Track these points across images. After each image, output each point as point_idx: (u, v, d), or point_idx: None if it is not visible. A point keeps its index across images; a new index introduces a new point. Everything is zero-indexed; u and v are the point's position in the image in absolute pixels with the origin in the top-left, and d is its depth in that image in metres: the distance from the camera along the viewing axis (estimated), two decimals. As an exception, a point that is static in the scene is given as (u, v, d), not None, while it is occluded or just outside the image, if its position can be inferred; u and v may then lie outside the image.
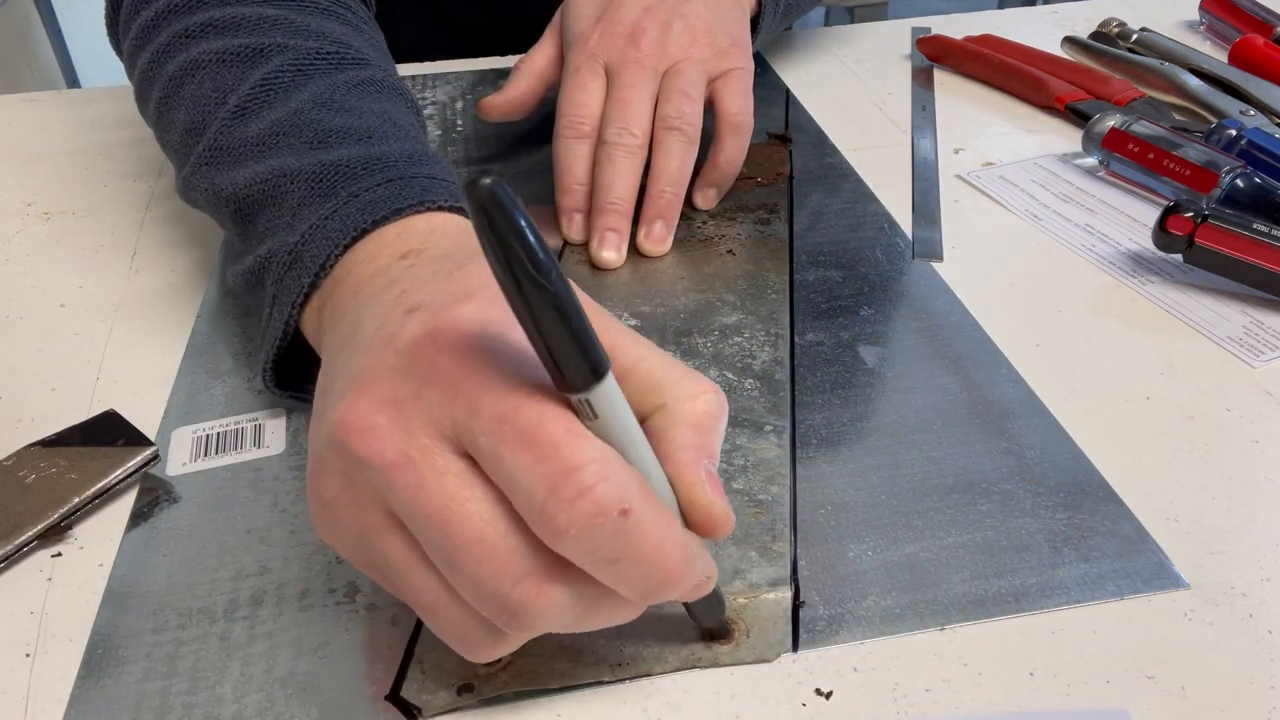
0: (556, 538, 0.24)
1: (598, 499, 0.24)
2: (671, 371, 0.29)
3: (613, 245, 0.51)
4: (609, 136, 0.51)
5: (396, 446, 0.25)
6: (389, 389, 0.26)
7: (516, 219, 0.22)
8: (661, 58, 0.53)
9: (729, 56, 0.55)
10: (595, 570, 0.25)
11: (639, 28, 0.54)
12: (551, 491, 0.24)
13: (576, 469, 0.24)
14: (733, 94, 0.54)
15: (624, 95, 0.52)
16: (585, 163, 0.53)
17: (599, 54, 0.54)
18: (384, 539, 0.27)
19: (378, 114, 0.43)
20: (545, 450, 0.24)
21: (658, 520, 0.25)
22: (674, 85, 0.52)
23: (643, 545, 0.25)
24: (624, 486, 0.25)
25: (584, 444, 0.25)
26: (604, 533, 0.24)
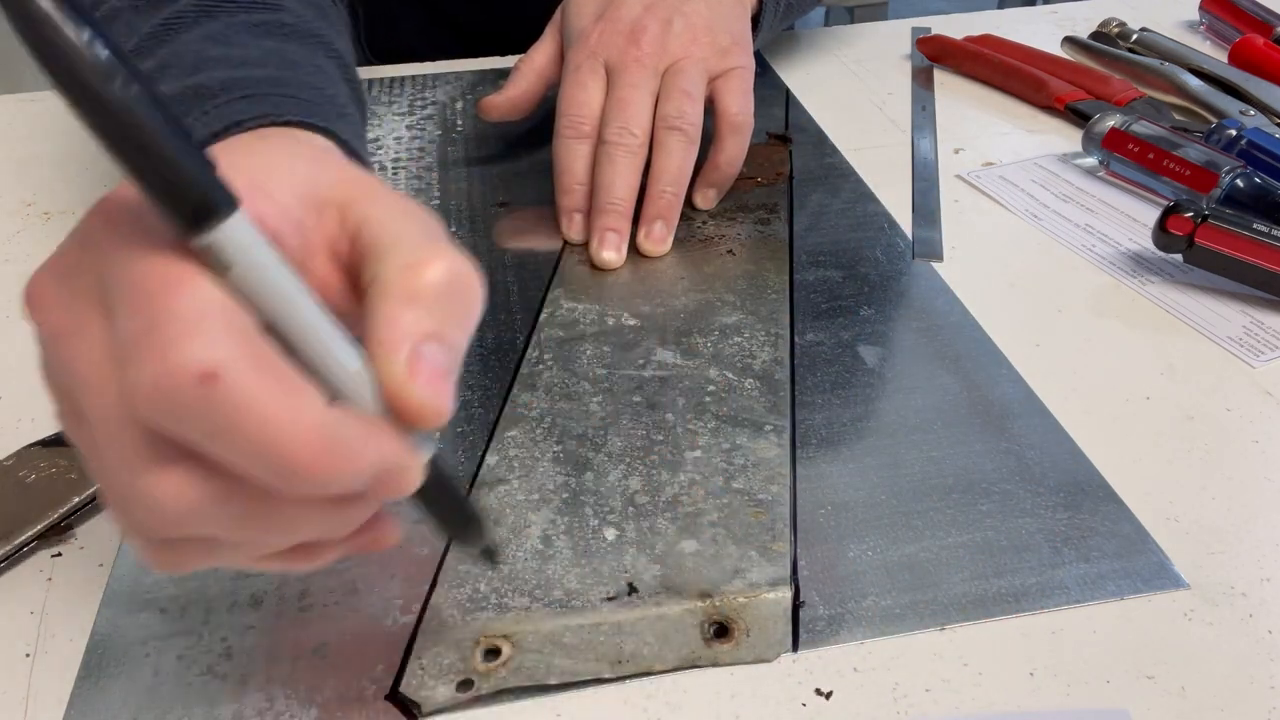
0: (130, 403, 0.21)
1: (170, 358, 0.21)
2: (403, 239, 0.25)
3: (612, 245, 0.51)
4: (609, 136, 0.51)
5: (58, 318, 0.24)
6: (64, 255, 0.24)
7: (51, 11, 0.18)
8: (662, 56, 0.53)
9: (730, 55, 0.55)
10: (202, 450, 0.22)
11: (639, 26, 0.53)
12: (132, 349, 0.21)
13: (158, 325, 0.21)
14: (733, 93, 0.53)
15: (624, 94, 0.52)
16: (585, 162, 0.52)
17: (599, 52, 0.53)
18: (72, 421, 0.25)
19: (265, 49, 0.41)
20: (139, 304, 0.21)
21: (264, 392, 0.21)
22: (674, 84, 0.52)
23: (242, 418, 0.21)
24: (212, 346, 0.21)
25: (181, 297, 0.21)
26: (180, 400, 0.21)
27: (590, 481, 0.38)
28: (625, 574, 0.34)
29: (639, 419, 0.41)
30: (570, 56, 0.54)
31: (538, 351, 0.45)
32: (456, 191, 0.57)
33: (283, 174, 0.26)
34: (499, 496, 0.37)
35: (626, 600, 0.33)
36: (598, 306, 0.48)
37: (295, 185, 0.26)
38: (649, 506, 0.37)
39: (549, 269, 0.51)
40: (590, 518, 0.36)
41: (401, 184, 0.58)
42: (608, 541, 0.36)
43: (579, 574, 0.34)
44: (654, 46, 0.53)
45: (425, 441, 0.25)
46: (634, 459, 0.39)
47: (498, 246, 0.53)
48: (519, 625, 0.33)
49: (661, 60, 0.53)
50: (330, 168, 0.27)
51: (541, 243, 0.53)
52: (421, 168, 0.60)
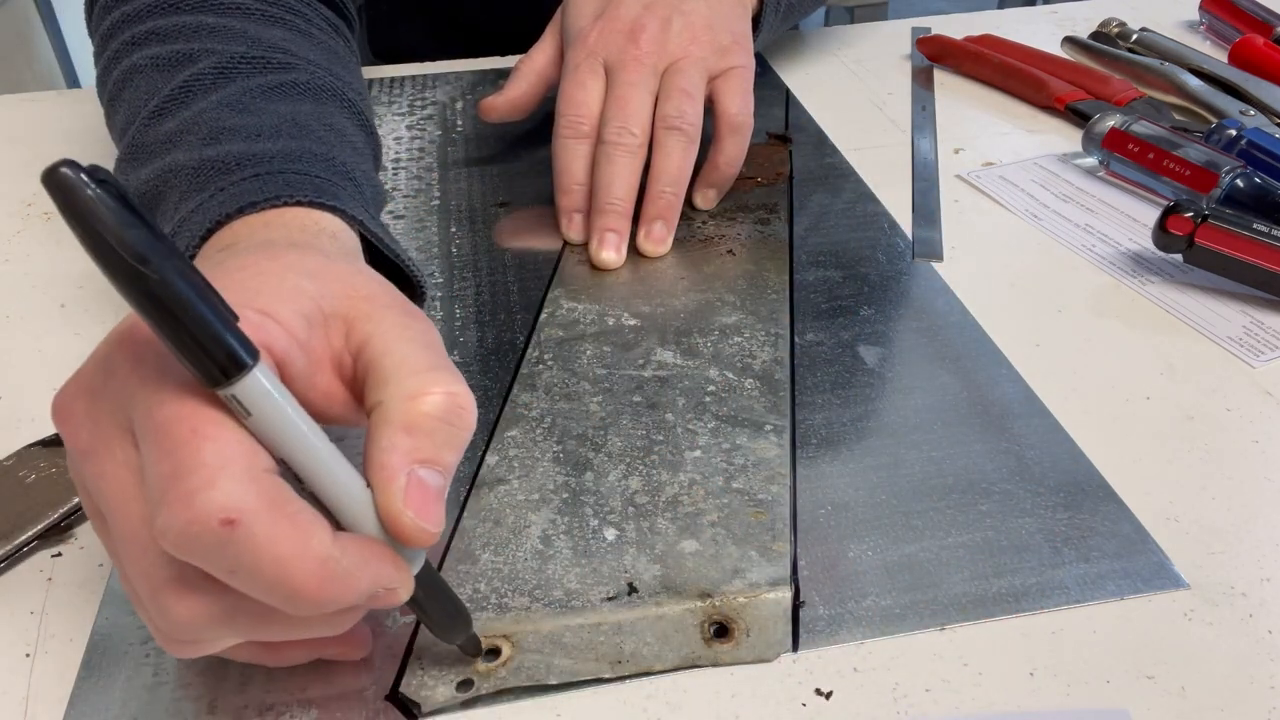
0: (161, 541, 0.24)
1: (195, 506, 0.23)
2: (405, 367, 0.27)
3: (612, 245, 0.51)
4: (608, 136, 0.51)
5: (86, 436, 0.26)
6: (89, 378, 0.26)
7: (97, 203, 0.20)
8: (661, 55, 0.53)
9: (730, 54, 0.54)
10: (222, 579, 0.25)
11: (639, 25, 0.53)
12: (160, 492, 0.24)
13: (184, 472, 0.23)
14: (733, 93, 0.53)
15: (623, 94, 0.52)
16: (584, 162, 0.52)
17: (598, 52, 0.53)
18: (97, 524, 0.27)
19: (281, 114, 0.43)
20: (167, 449, 0.24)
21: (277, 533, 0.24)
22: (674, 84, 0.52)
23: (257, 558, 0.24)
24: (233, 495, 0.23)
25: (204, 446, 0.24)
26: (205, 542, 0.23)
27: (590, 481, 0.38)
28: (625, 574, 0.34)
29: (639, 419, 0.41)
30: (569, 56, 0.54)
31: (538, 351, 0.45)
32: (456, 191, 0.57)
33: (290, 296, 0.28)
34: (499, 496, 0.37)
35: (626, 600, 0.33)
36: (598, 306, 0.48)
37: (303, 306, 0.28)
38: (649, 506, 0.37)
39: (549, 269, 0.51)
40: (590, 518, 0.36)
41: (401, 184, 0.58)
42: (608, 541, 0.36)
43: (579, 574, 0.34)
44: (653, 45, 0.53)
45: (417, 555, 0.27)
46: (634, 459, 0.39)
47: (498, 246, 0.53)
48: (519, 625, 0.33)
49: (661, 59, 0.53)
50: (335, 280, 0.29)
51: (541, 243, 0.53)
52: (421, 168, 0.60)
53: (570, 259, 0.51)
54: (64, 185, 0.20)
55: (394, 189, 0.57)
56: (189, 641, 0.27)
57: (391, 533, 0.26)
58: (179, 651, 0.27)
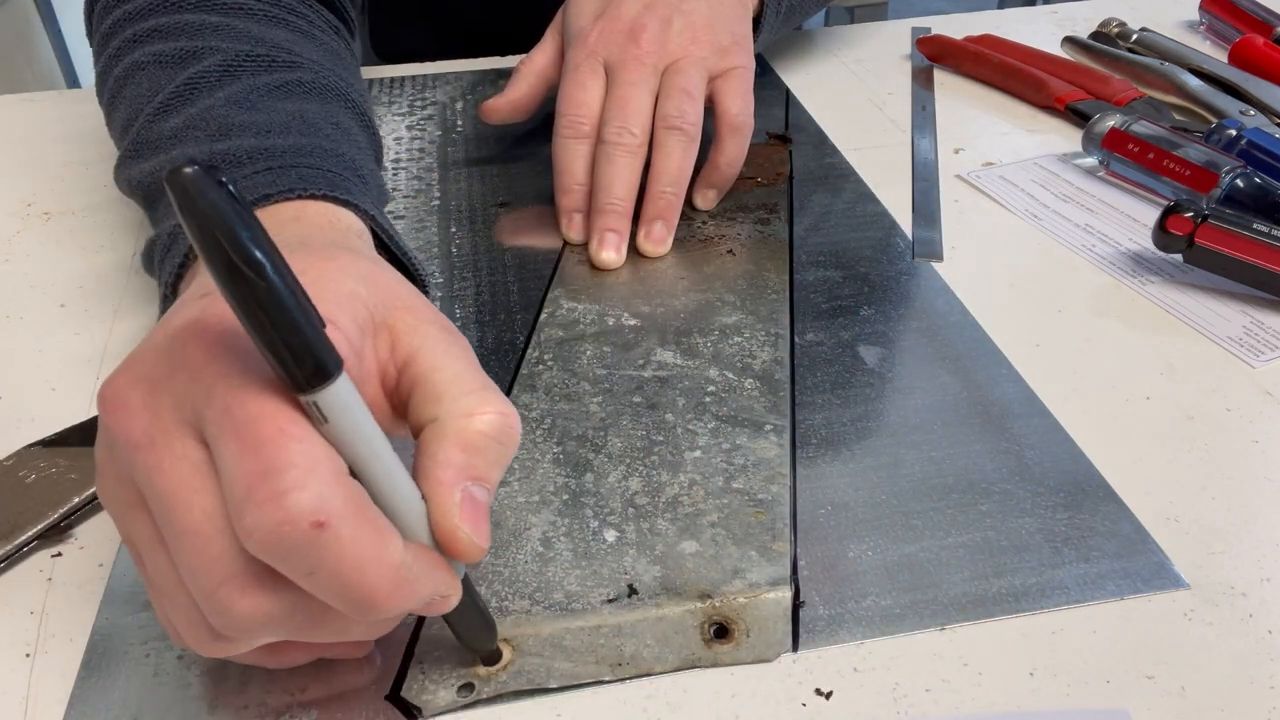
0: (245, 539, 0.24)
1: (287, 505, 0.23)
2: (459, 385, 0.28)
3: (612, 245, 0.51)
4: (608, 136, 0.51)
5: (141, 427, 0.25)
6: (148, 368, 0.26)
7: (219, 206, 0.21)
8: (661, 55, 0.53)
9: (730, 54, 0.54)
10: (295, 579, 0.25)
11: (639, 24, 0.53)
12: (247, 489, 0.23)
13: (276, 471, 0.23)
14: (733, 94, 0.53)
15: (623, 94, 0.51)
16: (584, 163, 0.52)
17: (598, 51, 0.53)
18: (133, 515, 0.27)
19: (289, 112, 0.43)
20: (251, 446, 0.24)
21: (360, 539, 0.24)
22: (674, 83, 0.52)
23: (340, 561, 0.24)
24: (323, 497, 0.24)
25: (293, 446, 0.24)
26: (293, 543, 0.23)
27: (590, 483, 0.38)
28: (625, 576, 0.34)
29: (639, 419, 0.41)
30: (570, 56, 0.54)
31: (538, 352, 0.45)
32: (456, 191, 0.57)
33: (347, 303, 0.28)
34: (499, 499, 0.37)
35: (627, 602, 0.33)
36: (598, 306, 0.48)
37: (358, 314, 0.28)
38: (649, 507, 0.37)
39: (549, 269, 0.51)
40: (590, 519, 0.36)
41: (401, 184, 0.58)
42: (608, 543, 0.36)
43: (579, 576, 0.34)
44: (653, 45, 0.53)
45: (458, 565, 0.28)
46: (634, 460, 0.39)
47: (498, 246, 0.53)
48: (519, 629, 0.33)
49: (661, 59, 0.53)
50: (383, 289, 0.30)
51: (541, 243, 0.53)
52: (421, 168, 0.60)
53: (570, 259, 0.51)
54: (187, 186, 0.21)
55: (394, 189, 0.57)
56: (229, 640, 0.27)
57: (445, 545, 0.27)
58: (211, 650, 0.27)
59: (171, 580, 0.26)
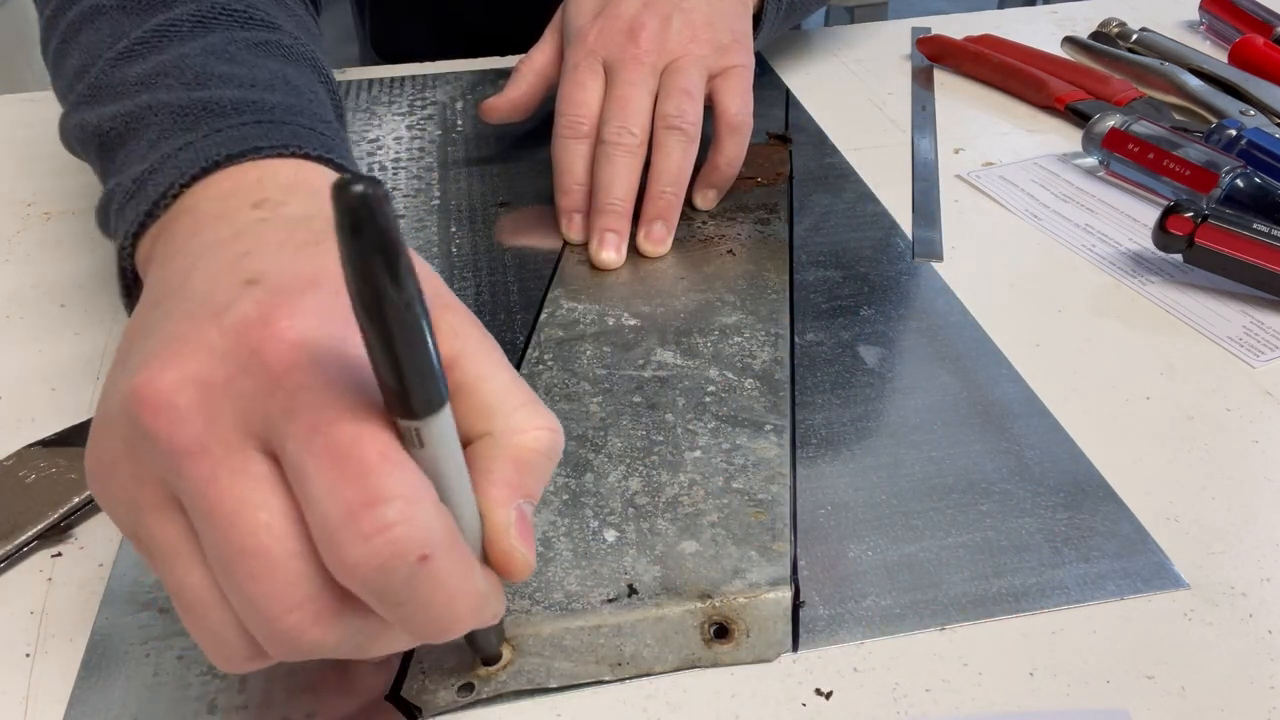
0: (343, 571, 0.23)
1: (396, 540, 0.22)
2: (510, 399, 0.27)
3: (612, 246, 0.51)
4: (608, 136, 0.51)
5: (194, 434, 0.23)
6: (201, 368, 0.24)
7: (389, 232, 0.20)
8: (661, 54, 0.52)
9: (730, 53, 0.54)
10: (380, 608, 0.24)
11: (638, 23, 0.53)
12: (348, 519, 0.22)
13: (381, 501, 0.22)
14: (732, 93, 0.53)
15: (623, 93, 0.51)
16: (584, 163, 0.52)
17: (597, 50, 0.53)
18: (157, 519, 0.25)
19: (271, 70, 0.40)
20: (353, 472, 0.22)
21: (456, 570, 0.24)
22: (674, 83, 0.52)
23: (434, 594, 0.24)
24: (429, 530, 0.23)
25: (397, 475, 0.23)
26: (396, 576, 0.23)
27: (590, 483, 0.38)
28: (625, 575, 0.34)
29: (639, 419, 0.41)
30: (569, 55, 0.54)
31: (538, 352, 0.45)
32: (456, 191, 0.57)
33: None
34: (499, 497, 0.37)
35: (627, 602, 0.33)
36: (598, 306, 0.48)
37: None
38: (649, 507, 0.37)
39: (549, 269, 0.51)
40: (590, 519, 0.36)
41: (401, 184, 0.58)
42: (608, 543, 0.36)
43: (579, 576, 0.34)
44: (653, 44, 0.52)
45: None
46: (634, 460, 0.39)
47: (498, 246, 0.53)
48: (519, 629, 0.33)
49: (660, 57, 0.52)
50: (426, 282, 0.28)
51: (541, 243, 0.53)
52: (421, 168, 0.60)
53: (570, 259, 0.51)
54: (362, 202, 0.19)
55: (394, 189, 0.57)
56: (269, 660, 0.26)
57: (500, 563, 0.27)
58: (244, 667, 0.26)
59: (207, 596, 0.25)
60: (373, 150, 0.61)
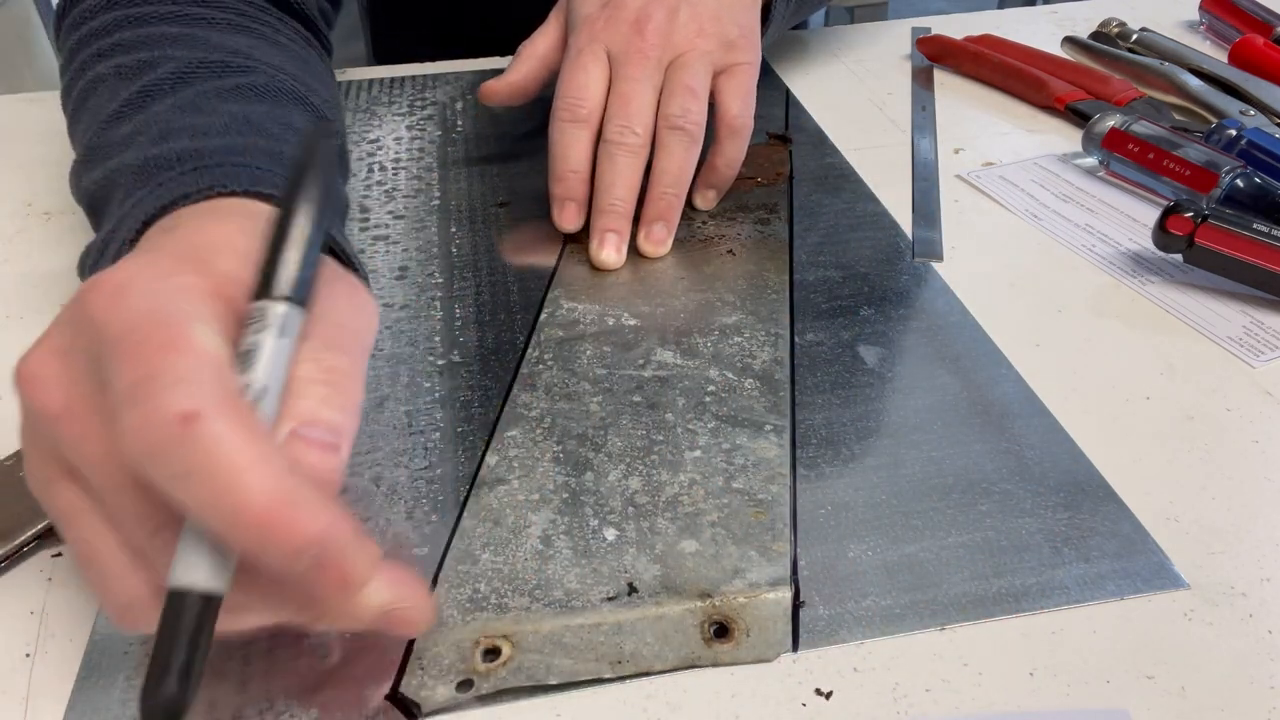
0: (121, 444, 0.24)
1: (160, 401, 0.23)
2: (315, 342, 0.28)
3: (613, 246, 0.50)
4: (610, 135, 0.50)
5: (58, 397, 0.26)
6: (56, 339, 0.27)
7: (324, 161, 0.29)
8: (666, 48, 0.52)
9: (736, 49, 0.53)
10: (169, 491, 0.24)
11: (644, 14, 0.52)
12: (126, 396, 0.24)
13: (153, 375, 0.23)
14: (735, 93, 0.53)
15: (626, 90, 0.51)
16: (582, 149, 0.51)
17: (602, 39, 0.52)
18: (59, 489, 0.27)
19: (231, 114, 0.42)
20: (137, 359, 0.24)
21: (236, 438, 0.23)
22: (678, 80, 0.51)
23: (210, 459, 0.23)
24: (196, 396, 0.23)
25: (176, 356, 0.24)
26: (161, 437, 0.23)
27: (590, 481, 0.38)
28: (625, 574, 0.34)
29: (639, 419, 0.41)
30: (572, 41, 0.53)
31: (538, 351, 0.45)
32: (456, 191, 0.57)
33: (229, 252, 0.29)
34: (499, 497, 0.37)
35: (627, 600, 0.33)
36: (598, 306, 0.48)
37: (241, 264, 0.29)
38: (649, 507, 0.37)
39: (549, 269, 0.51)
40: (590, 518, 0.36)
41: (401, 184, 0.58)
42: (608, 542, 0.36)
43: (579, 574, 0.34)
44: (658, 37, 0.52)
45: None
46: (634, 459, 0.39)
47: (498, 246, 0.53)
48: (519, 625, 0.33)
49: (666, 52, 0.52)
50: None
51: (542, 242, 0.53)
52: (421, 168, 0.60)
53: (570, 259, 0.51)
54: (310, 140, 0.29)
55: (394, 189, 0.57)
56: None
57: None
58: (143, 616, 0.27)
59: (105, 545, 0.26)
60: (373, 150, 0.61)
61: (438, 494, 0.38)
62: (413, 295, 0.49)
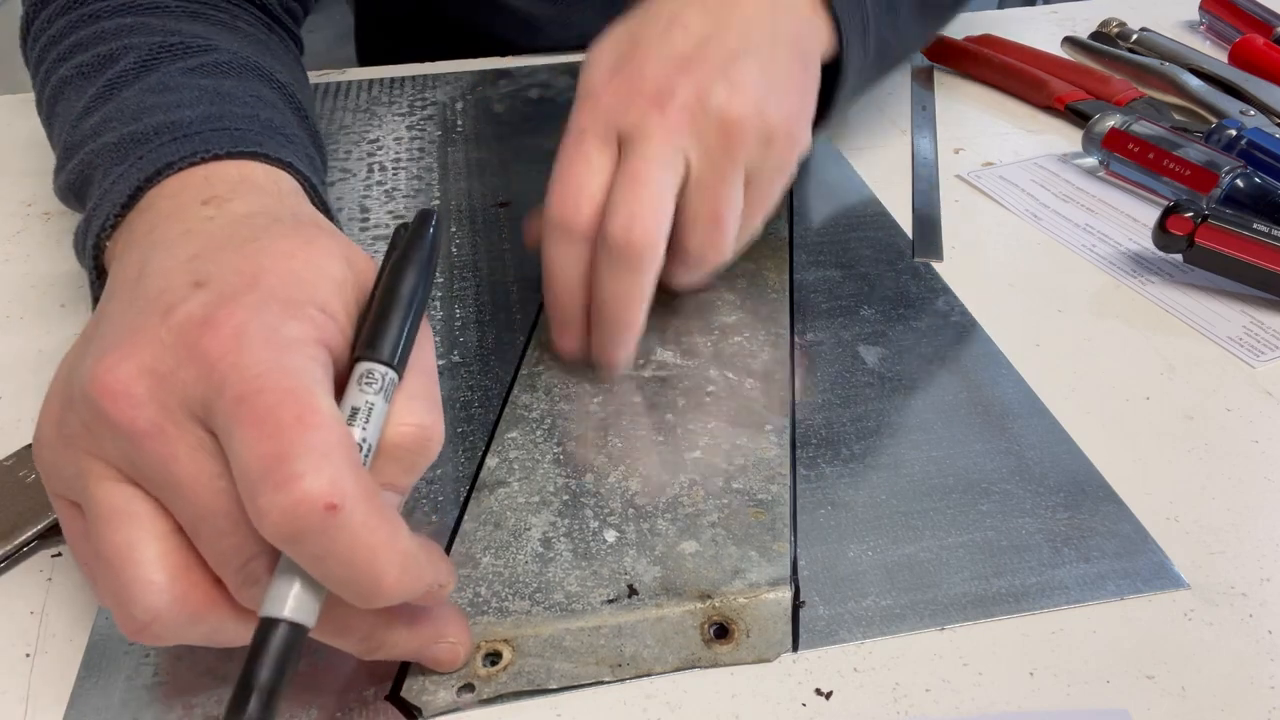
0: (260, 521, 0.24)
1: (305, 488, 0.24)
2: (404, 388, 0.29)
3: (622, 366, 0.42)
4: (613, 239, 0.38)
5: (150, 416, 0.26)
6: (152, 359, 0.26)
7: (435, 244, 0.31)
8: (693, 136, 0.40)
9: (773, 147, 0.41)
10: (305, 565, 0.25)
11: (667, 88, 0.40)
12: (263, 473, 0.24)
13: (293, 455, 0.24)
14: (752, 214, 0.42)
15: (636, 191, 0.39)
16: (580, 268, 0.40)
17: (611, 117, 0.40)
18: (108, 488, 0.27)
19: (201, 88, 0.41)
20: (270, 431, 0.24)
21: (372, 522, 0.25)
22: (703, 205, 0.40)
23: (351, 546, 0.24)
24: (339, 482, 0.24)
25: (311, 433, 0.24)
26: (306, 525, 0.24)
27: (590, 483, 0.38)
28: (625, 576, 0.34)
29: (639, 419, 0.41)
30: (574, 117, 0.42)
31: (538, 352, 0.45)
32: (456, 191, 0.57)
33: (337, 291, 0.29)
34: (499, 499, 0.37)
35: (627, 602, 0.33)
36: (598, 307, 0.48)
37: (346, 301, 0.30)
38: (649, 508, 0.37)
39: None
40: (590, 520, 0.36)
41: (401, 184, 0.58)
42: (608, 544, 0.36)
43: (579, 576, 0.34)
44: (684, 116, 0.40)
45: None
46: (634, 460, 0.39)
47: (498, 246, 0.53)
48: (519, 629, 0.33)
49: (691, 141, 0.40)
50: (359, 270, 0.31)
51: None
52: (421, 168, 0.60)
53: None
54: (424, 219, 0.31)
55: (394, 189, 0.57)
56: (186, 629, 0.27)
57: None
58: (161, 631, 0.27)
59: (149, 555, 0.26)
60: (373, 150, 0.61)
61: (437, 495, 0.38)
62: (413, 295, 0.49)
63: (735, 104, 0.40)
